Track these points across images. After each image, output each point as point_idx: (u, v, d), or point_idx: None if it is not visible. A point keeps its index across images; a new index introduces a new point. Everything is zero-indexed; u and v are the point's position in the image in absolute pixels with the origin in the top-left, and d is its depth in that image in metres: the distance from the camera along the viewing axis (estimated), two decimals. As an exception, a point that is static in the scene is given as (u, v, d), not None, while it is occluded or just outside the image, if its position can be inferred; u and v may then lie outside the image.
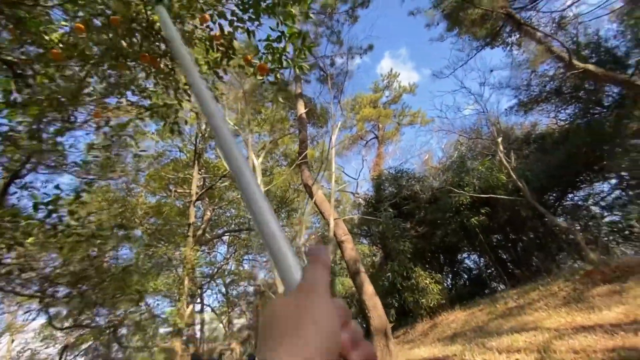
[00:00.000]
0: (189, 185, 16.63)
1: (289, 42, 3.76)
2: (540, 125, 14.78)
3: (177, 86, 4.70)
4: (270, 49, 3.89)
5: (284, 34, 3.72)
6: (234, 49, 4.27)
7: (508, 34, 9.40)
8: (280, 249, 0.34)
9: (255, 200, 0.38)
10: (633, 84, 6.03)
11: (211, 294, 29.96)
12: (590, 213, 12.64)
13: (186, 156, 17.90)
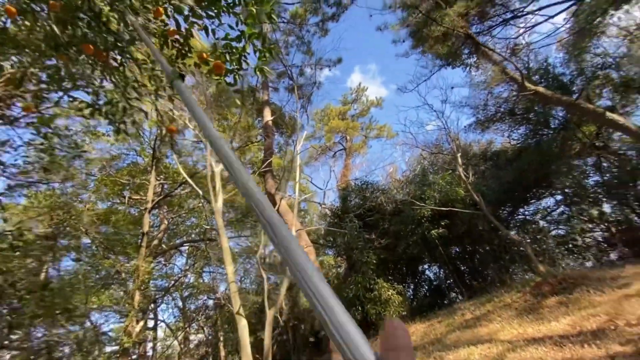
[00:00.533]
0: (146, 192, 15.59)
1: (249, 42, 3.59)
2: (496, 144, 15.77)
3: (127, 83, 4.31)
4: (229, 49, 3.69)
5: (243, 33, 3.54)
6: (190, 47, 3.99)
7: (467, 55, 9.99)
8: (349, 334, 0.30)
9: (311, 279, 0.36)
10: (578, 106, 6.55)
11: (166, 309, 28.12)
12: (538, 227, 13.50)
13: (144, 160, 16.83)
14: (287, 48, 13.41)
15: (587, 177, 13.11)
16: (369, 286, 12.41)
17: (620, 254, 12.32)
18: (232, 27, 3.58)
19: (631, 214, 12.02)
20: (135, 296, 12.44)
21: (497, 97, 13.13)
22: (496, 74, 9.82)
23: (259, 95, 11.41)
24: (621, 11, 11.75)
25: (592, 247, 12.95)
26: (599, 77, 11.56)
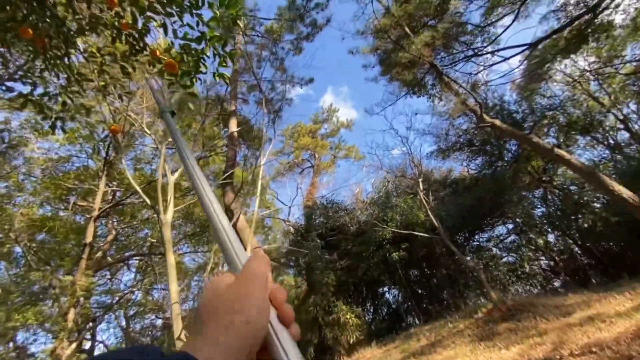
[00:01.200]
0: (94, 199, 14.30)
1: (210, 44, 3.40)
2: (455, 172, 16.54)
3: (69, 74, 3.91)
4: (187, 49, 3.48)
5: (204, 35, 3.35)
6: (145, 44, 3.70)
7: (431, 85, 10.53)
8: (226, 241, 0.43)
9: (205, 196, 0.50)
10: (530, 140, 7.02)
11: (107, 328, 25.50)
12: (491, 253, 14.10)
13: (95, 164, 15.57)
14: (260, 62, 13.35)
15: (535, 208, 14.06)
16: (327, 308, 12.09)
17: (563, 282, 13.13)
18: (192, 28, 3.39)
19: (573, 244, 12.95)
20: (70, 314, 11.12)
21: (458, 128, 13.93)
22: (457, 106, 10.42)
23: (227, 105, 11.10)
24: (567, 59, 13.14)
25: (538, 274, 13.69)
26: (546, 117, 12.65)
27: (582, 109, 13.15)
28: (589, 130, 12.82)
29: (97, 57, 4.00)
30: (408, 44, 8.11)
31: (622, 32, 11.96)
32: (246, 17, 11.40)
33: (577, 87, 13.51)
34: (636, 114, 13.89)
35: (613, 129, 13.84)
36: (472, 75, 10.08)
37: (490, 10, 10.26)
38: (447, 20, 8.36)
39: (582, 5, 9.71)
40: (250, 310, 0.33)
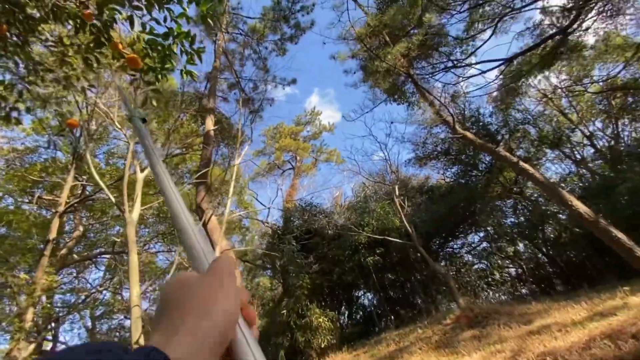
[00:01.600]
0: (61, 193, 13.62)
1: (178, 40, 3.31)
2: (432, 179, 16.88)
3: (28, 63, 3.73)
4: (153, 45, 3.37)
5: (171, 30, 3.26)
6: (110, 36, 3.56)
7: (411, 94, 10.73)
8: (190, 240, 0.44)
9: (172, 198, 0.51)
10: (497, 153, 7.25)
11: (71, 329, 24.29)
12: (463, 260, 14.46)
13: (65, 157, 14.88)
14: (243, 60, 13.19)
15: (506, 218, 14.55)
16: (301, 312, 12.02)
17: (530, 290, 13.64)
18: (159, 23, 3.29)
19: (539, 253, 13.48)
20: (28, 314, 10.51)
21: (435, 136, 14.26)
22: (433, 115, 10.67)
23: (205, 102, 10.87)
24: (540, 76, 13.72)
25: (507, 282, 14.16)
26: (519, 131, 13.14)
27: (552, 124, 13.76)
28: (558, 144, 13.42)
29: (59, 47, 3.83)
30: (384, 53, 8.24)
31: (591, 52, 12.61)
32: (228, 14, 11.24)
33: (549, 103, 14.12)
34: (601, 132, 14.67)
35: (580, 144, 14.56)
36: (450, 86, 10.37)
37: (471, 25, 10.59)
38: (421, 33, 8.55)
39: (555, 26, 10.18)
40: (224, 311, 0.32)
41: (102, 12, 3.25)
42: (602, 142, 14.26)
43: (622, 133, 13.57)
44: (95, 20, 3.32)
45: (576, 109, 14.26)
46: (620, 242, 4.72)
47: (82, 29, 3.42)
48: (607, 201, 9.14)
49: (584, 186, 11.70)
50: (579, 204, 5.41)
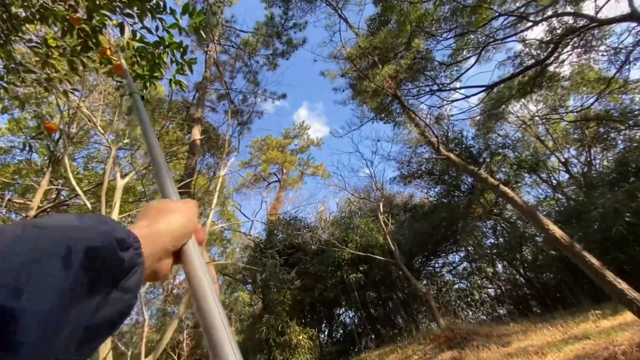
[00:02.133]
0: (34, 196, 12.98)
1: (168, 50, 3.30)
2: (415, 198, 17.14)
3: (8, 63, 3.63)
4: (143, 52, 3.35)
5: (162, 40, 3.25)
6: (98, 41, 3.51)
7: (397, 114, 11.03)
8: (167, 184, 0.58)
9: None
10: (478, 176, 7.47)
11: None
12: (444, 279, 14.56)
13: (41, 159, 14.31)
14: (233, 72, 13.25)
15: (486, 238, 14.85)
16: (280, 329, 11.70)
17: (508, 310, 13.81)
18: (150, 32, 3.28)
19: (517, 275, 13.75)
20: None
21: (420, 156, 14.60)
22: (418, 136, 10.97)
23: (193, 111, 10.79)
24: (520, 103, 14.39)
25: (486, 302, 14.31)
26: (499, 154, 13.63)
27: (530, 149, 14.35)
28: (535, 169, 13.96)
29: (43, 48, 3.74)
30: (373, 74, 8.49)
31: (567, 84, 13.37)
32: (221, 26, 11.35)
33: (527, 130, 14.77)
34: (576, 159, 15.39)
35: (555, 170, 15.18)
36: (435, 108, 10.74)
37: (456, 51, 11.09)
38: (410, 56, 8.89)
39: (533, 57, 10.78)
40: (186, 218, 0.45)
41: (91, 17, 3.22)
42: (576, 168, 14.93)
43: (594, 161, 14.27)
44: (84, 25, 3.28)
45: (552, 136, 14.95)
46: (593, 267, 4.89)
47: (69, 32, 3.37)
48: (580, 226, 9.50)
49: (560, 210, 12.13)
50: (555, 228, 5.60)
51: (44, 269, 0.25)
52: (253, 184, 22.06)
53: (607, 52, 10.79)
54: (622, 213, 8.11)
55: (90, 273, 0.28)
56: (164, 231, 0.41)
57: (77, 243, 0.27)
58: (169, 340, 5.84)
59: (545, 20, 9.91)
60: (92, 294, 0.28)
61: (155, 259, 0.39)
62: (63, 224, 0.29)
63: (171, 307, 17.97)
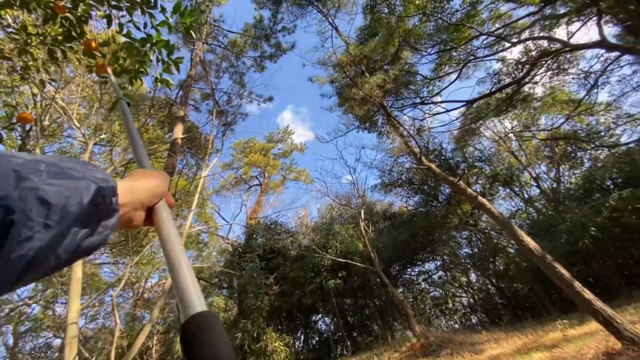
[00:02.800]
0: None
1: (155, 48, 3.22)
2: (395, 206, 17.44)
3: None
4: (129, 49, 3.25)
5: (150, 37, 3.17)
6: (83, 31, 3.38)
7: (381, 124, 11.26)
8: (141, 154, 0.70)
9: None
10: (459, 187, 7.72)
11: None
12: (420, 287, 14.82)
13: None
14: (219, 72, 13.08)
15: (461, 248, 15.30)
16: (256, 335, 11.47)
17: (479, 319, 14.23)
18: (138, 29, 3.21)
19: (489, 284, 14.22)
20: None
21: (401, 165, 14.93)
22: (401, 146, 11.24)
23: (176, 110, 10.53)
24: (496, 120, 15.04)
25: (459, 310, 14.67)
26: (476, 167, 14.16)
27: (505, 164, 15.00)
28: (509, 183, 14.60)
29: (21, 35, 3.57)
30: (362, 82, 8.66)
31: (539, 104, 14.14)
32: (210, 25, 11.22)
33: (502, 145, 15.45)
34: (546, 175, 16.23)
35: (527, 184, 15.93)
36: (417, 120, 11.06)
37: (439, 67, 11.50)
38: (398, 68, 9.14)
39: (511, 76, 11.34)
40: (159, 181, 0.54)
41: (77, 6, 3.10)
42: (547, 184, 15.73)
43: (563, 177, 15.10)
44: (69, 13, 3.16)
45: (525, 152, 15.71)
46: (563, 278, 5.14)
47: (51, 20, 3.23)
48: (549, 238, 9.99)
49: (531, 223, 12.71)
50: (529, 239, 5.85)
51: (74, 199, 0.34)
52: (234, 187, 21.72)
53: (578, 75, 11.53)
54: (588, 227, 8.60)
55: (94, 207, 0.36)
56: (142, 187, 0.50)
57: (92, 183, 0.36)
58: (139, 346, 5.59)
59: (522, 43, 10.49)
60: (89, 223, 0.37)
61: (132, 208, 0.48)
62: (76, 163, 0.39)
63: (141, 312, 17.21)
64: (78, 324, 4.70)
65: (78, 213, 0.34)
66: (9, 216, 0.27)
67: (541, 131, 14.99)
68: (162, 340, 14.49)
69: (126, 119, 0.78)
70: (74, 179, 0.35)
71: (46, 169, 0.33)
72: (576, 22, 9.14)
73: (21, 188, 0.29)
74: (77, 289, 4.89)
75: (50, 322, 18.38)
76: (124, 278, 4.83)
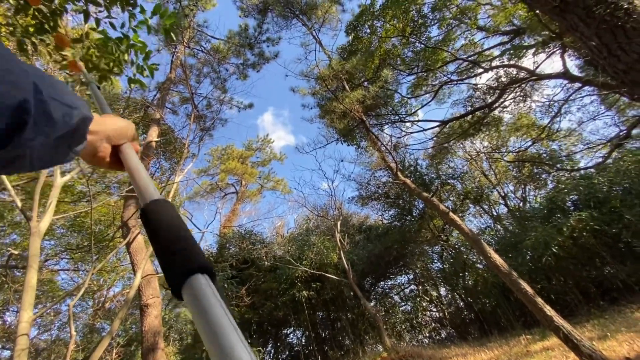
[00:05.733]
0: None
1: (130, 49, 3.16)
2: (370, 219, 17.64)
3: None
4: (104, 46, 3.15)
5: (127, 38, 3.10)
6: (56, 24, 3.26)
7: (361, 138, 11.49)
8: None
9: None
10: (432, 202, 7.98)
11: None
12: (392, 301, 14.93)
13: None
14: (200, 77, 12.91)
15: (432, 263, 15.65)
16: (222, 349, 11.04)
17: (448, 333, 14.47)
18: (114, 27, 3.15)
19: (459, 299, 14.57)
20: None
21: (378, 180, 15.22)
22: (379, 160, 11.52)
23: (151, 111, 10.24)
24: (468, 141, 15.73)
25: (429, 324, 14.88)
26: (448, 184, 14.68)
27: (475, 182, 15.66)
28: (479, 200, 15.22)
29: (1, 18, 3.38)
30: (343, 96, 8.86)
31: (507, 127, 14.99)
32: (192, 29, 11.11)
33: (473, 164, 16.15)
34: (513, 194, 17.07)
35: (496, 203, 16.67)
36: (395, 137, 11.40)
37: (415, 87, 11.99)
38: (377, 85, 9.44)
39: (482, 100, 11.98)
40: (127, 124, 0.58)
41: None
42: (514, 202, 16.53)
43: (528, 197, 15.94)
44: (42, 6, 3.04)
45: (494, 172, 16.50)
46: (527, 294, 5.37)
47: (23, 11, 3.10)
48: (515, 255, 10.44)
49: (498, 240, 13.24)
50: (496, 256, 6.09)
51: (68, 112, 0.41)
52: (208, 193, 21.18)
53: (542, 103, 12.37)
54: (550, 245, 9.08)
55: (75, 131, 0.44)
56: (111, 123, 0.55)
57: (81, 111, 0.44)
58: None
59: (493, 69, 11.16)
60: (64, 143, 0.43)
61: (99, 138, 0.53)
62: (76, 97, 0.46)
63: (100, 323, 16.15)
64: (29, 336, 4.34)
65: (65, 132, 0.41)
66: (25, 116, 0.34)
67: (509, 153, 15.82)
68: (122, 354, 13.64)
69: (99, 103, 0.81)
70: (69, 105, 0.41)
71: (53, 88, 0.39)
72: (542, 54, 9.87)
73: (36, 99, 0.35)
74: (31, 297, 4.53)
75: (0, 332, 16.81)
76: (84, 286, 4.53)
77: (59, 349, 14.39)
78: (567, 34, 6.40)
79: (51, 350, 14.27)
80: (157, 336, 5.80)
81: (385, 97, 11.12)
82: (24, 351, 4.27)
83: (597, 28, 2.23)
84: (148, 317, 5.99)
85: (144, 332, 5.87)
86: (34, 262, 4.83)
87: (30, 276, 4.69)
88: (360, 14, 10.69)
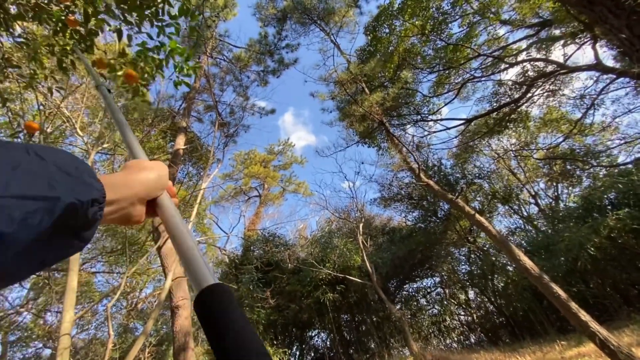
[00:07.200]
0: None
1: (170, 56, 3.34)
2: (394, 221, 17.40)
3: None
4: (144, 57, 3.36)
5: (163, 45, 3.29)
6: (93, 44, 3.51)
7: (382, 139, 11.40)
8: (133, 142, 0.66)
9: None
10: (456, 204, 7.77)
11: (-27, 357, 20.50)
12: (418, 304, 14.63)
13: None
14: (223, 85, 13.31)
15: (459, 265, 15.19)
16: (249, 350, 11.26)
17: (477, 338, 13.99)
18: (151, 37, 3.32)
19: (488, 303, 14.05)
20: None
21: (400, 181, 14.99)
22: (400, 162, 11.38)
23: (178, 120, 10.68)
24: (494, 138, 15.19)
25: (457, 329, 14.44)
26: (474, 184, 14.22)
27: (503, 181, 15.08)
28: (508, 200, 14.63)
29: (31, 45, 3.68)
30: (362, 99, 8.84)
31: (536, 123, 14.33)
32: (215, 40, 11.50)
33: (500, 163, 15.56)
34: (544, 192, 16.27)
35: (526, 202, 15.96)
36: (417, 137, 11.21)
37: (437, 86, 11.74)
38: (397, 86, 9.35)
39: (508, 96, 11.54)
40: (158, 173, 0.51)
41: (88, 21, 3.22)
42: (545, 201, 15.76)
43: (561, 195, 15.14)
44: (80, 27, 3.27)
45: (524, 170, 15.81)
46: (559, 299, 5.12)
47: (62, 32, 3.35)
48: (548, 257, 9.95)
49: (529, 241, 12.66)
50: (525, 259, 5.85)
51: (34, 209, 0.29)
52: (233, 197, 21.72)
53: (574, 96, 11.74)
54: (586, 247, 8.59)
55: (63, 223, 0.33)
56: (139, 181, 0.47)
57: (63, 197, 0.32)
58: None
59: (519, 64, 10.74)
60: (57, 239, 0.33)
61: (129, 203, 0.45)
62: (61, 164, 0.35)
63: (133, 323, 16.91)
64: (71, 335, 4.64)
65: (35, 237, 0.30)
66: None
67: (539, 150, 15.12)
68: (154, 353, 14.21)
69: (109, 105, 0.77)
70: (38, 198, 0.30)
71: (14, 177, 0.29)
72: (571, 45, 9.40)
73: None
74: (72, 299, 4.85)
75: (41, 331, 18.01)
76: (120, 288, 4.80)
77: (96, 348, 15.18)
78: (597, 25, 6.08)
79: (89, 348, 15.09)
80: (188, 336, 6.03)
81: (406, 96, 10.98)
82: (67, 350, 4.58)
83: (627, 19, 2.13)
84: (179, 318, 6.24)
85: (175, 333, 6.12)
86: (74, 265, 5.17)
87: (71, 279, 5.02)
88: (379, 14, 10.64)
